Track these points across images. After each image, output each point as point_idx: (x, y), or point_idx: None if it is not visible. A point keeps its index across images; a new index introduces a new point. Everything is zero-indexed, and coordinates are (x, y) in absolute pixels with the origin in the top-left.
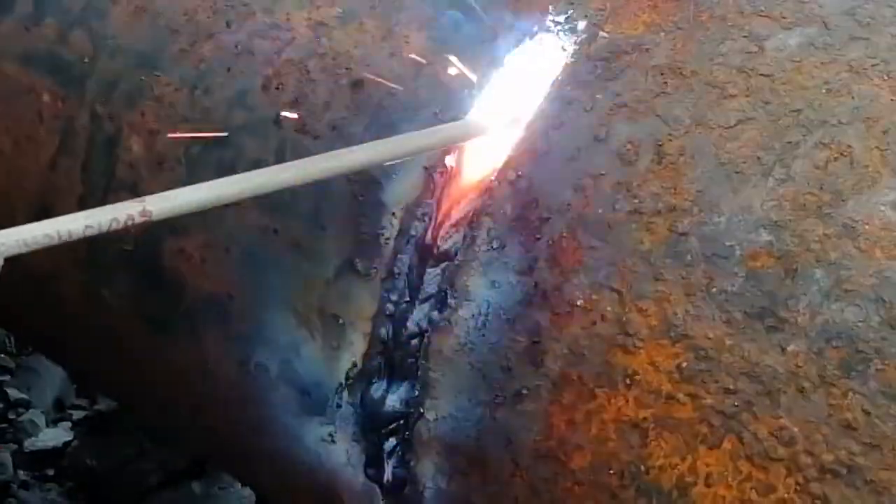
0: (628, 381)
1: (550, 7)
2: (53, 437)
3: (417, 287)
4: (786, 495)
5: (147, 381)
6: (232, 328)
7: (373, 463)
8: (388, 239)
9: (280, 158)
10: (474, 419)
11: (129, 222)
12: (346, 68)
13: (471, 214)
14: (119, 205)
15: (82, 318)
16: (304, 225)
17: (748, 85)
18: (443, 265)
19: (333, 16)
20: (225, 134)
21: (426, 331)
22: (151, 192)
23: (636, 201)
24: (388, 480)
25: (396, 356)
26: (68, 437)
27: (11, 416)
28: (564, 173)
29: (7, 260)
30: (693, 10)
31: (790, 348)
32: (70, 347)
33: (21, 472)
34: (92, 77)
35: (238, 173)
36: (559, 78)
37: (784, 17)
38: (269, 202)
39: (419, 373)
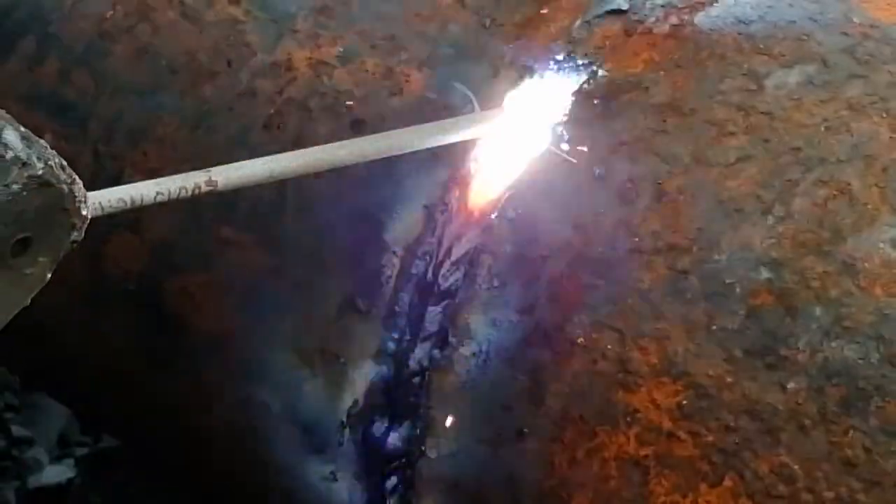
0: (629, 419)
1: (550, 45)
2: (57, 474)
3: (419, 325)
4: None
5: (148, 418)
6: (233, 366)
7: (374, 501)
8: (389, 277)
9: (282, 196)
10: (476, 458)
11: (196, 191)
12: (347, 107)
13: (471, 253)
14: (187, 174)
15: (83, 356)
16: (305, 264)
17: (747, 123)
18: (444, 303)
19: (334, 55)
20: None
21: (427, 369)
22: (152, 229)
23: (636, 239)
24: None
25: (398, 394)
26: (72, 474)
27: (15, 453)
28: (564, 212)
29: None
30: (692, 49)
31: (790, 386)
32: (71, 385)
33: None
34: (94, 117)
35: (239, 211)
36: (559, 116)
37: (783, 55)
38: (270, 241)
39: (421, 411)
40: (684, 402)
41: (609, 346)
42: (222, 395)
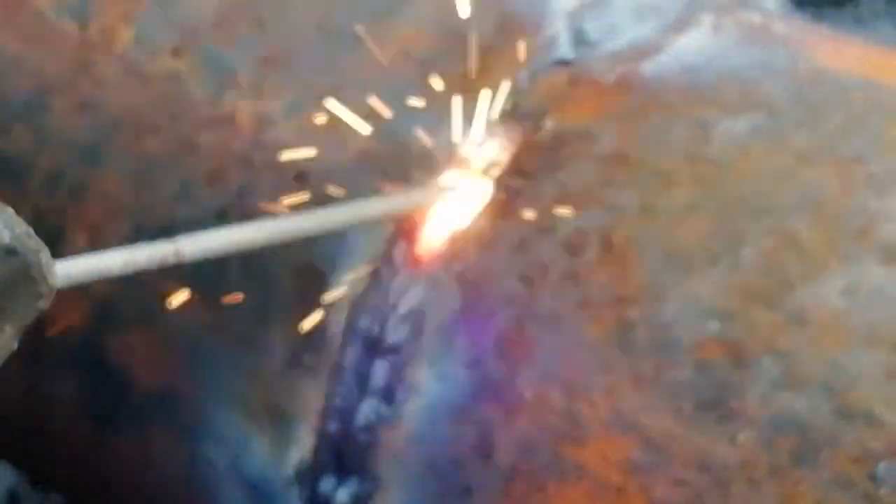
0: (579, 474)
1: (497, 95)
2: None
3: (365, 381)
4: None
5: (94, 477)
6: (179, 423)
7: None
8: (335, 333)
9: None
10: None
11: (163, 262)
12: (291, 161)
13: (418, 307)
14: (155, 244)
15: (26, 415)
16: (250, 320)
17: (694, 173)
18: (390, 358)
19: (278, 107)
20: None
21: (375, 424)
22: (93, 286)
23: (583, 292)
24: None
25: (345, 451)
26: None
27: None
28: (511, 265)
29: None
30: (639, 99)
31: (740, 438)
32: (15, 445)
33: None
34: (35, 172)
35: (182, 266)
36: (505, 167)
37: (730, 104)
38: (213, 296)
39: (368, 467)
40: (634, 455)
41: (557, 400)
42: (168, 452)
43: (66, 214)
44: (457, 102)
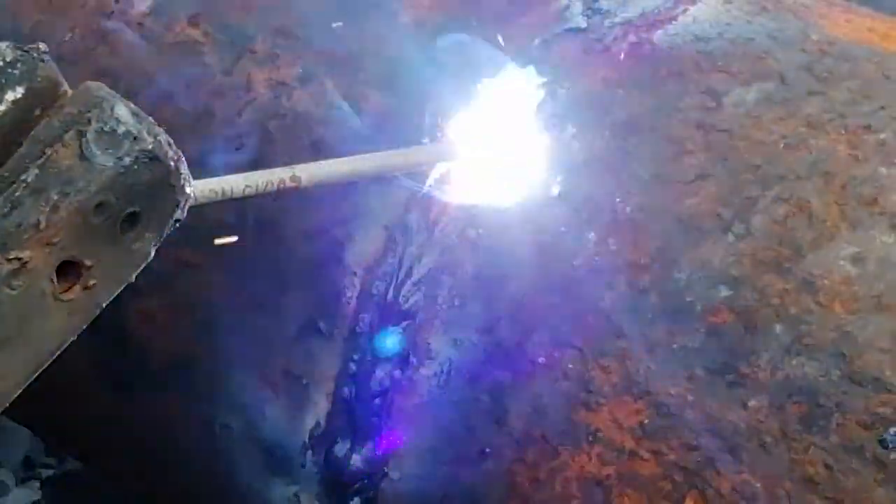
0: (591, 439)
1: (510, 65)
2: (23, 497)
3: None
4: None
5: (112, 442)
6: (196, 389)
7: None
8: (350, 298)
9: (242, 221)
10: (438, 479)
11: (281, 185)
12: (306, 128)
13: (432, 273)
14: (273, 170)
15: (45, 381)
16: (267, 286)
17: (706, 141)
18: (405, 324)
19: (293, 76)
20: None
21: (389, 390)
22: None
23: (596, 258)
24: None
25: (360, 416)
26: (37, 496)
27: None
28: (524, 231)
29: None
30: (651, 67)
31: (751, 403)
32: (33, 411)
33: None
34: None
35: (199, 233)
36: (517, 135)
37: (742, 73)
38: (230, 263)
39: (383, 432)
40: (646, 420)
41: (570, 366)
42: (185, 417)
43: None
44: (468, 68)
